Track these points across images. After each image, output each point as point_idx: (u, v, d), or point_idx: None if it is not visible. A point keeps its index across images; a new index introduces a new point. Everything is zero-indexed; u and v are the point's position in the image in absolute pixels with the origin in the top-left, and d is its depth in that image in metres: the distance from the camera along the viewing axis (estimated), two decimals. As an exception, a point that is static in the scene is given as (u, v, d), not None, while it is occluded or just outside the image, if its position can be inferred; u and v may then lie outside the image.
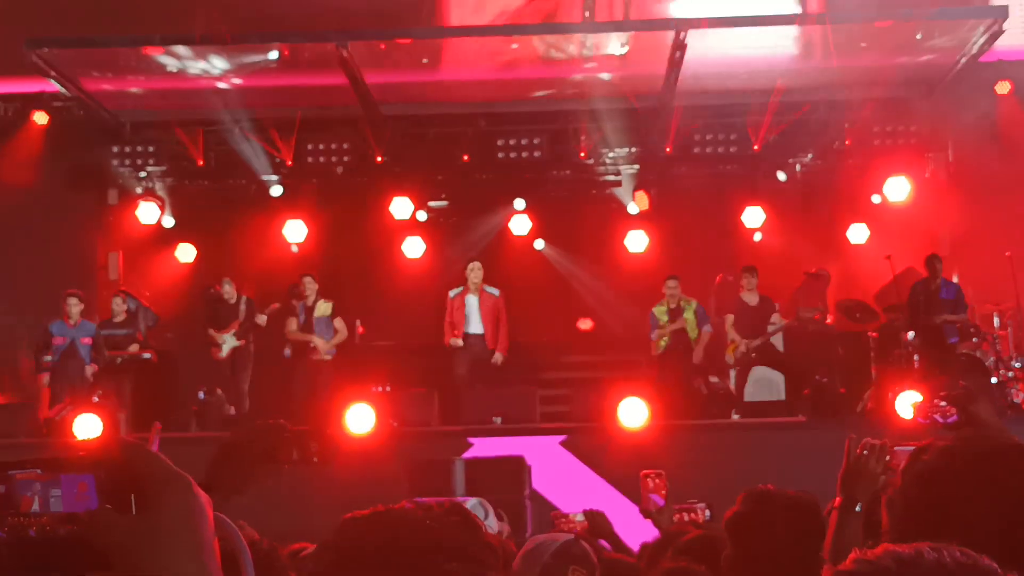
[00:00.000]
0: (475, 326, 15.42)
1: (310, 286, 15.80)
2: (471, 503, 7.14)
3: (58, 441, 12.19)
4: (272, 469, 4.58)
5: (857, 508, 4.31)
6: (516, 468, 11.30)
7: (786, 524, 3.78)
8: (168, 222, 17.97)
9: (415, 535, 1.98)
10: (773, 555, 3.71)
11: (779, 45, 16.22)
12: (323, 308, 15.73)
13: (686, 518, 7.39)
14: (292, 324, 15.93)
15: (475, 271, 15.63)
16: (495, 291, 15.58)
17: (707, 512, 7.69)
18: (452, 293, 15.75)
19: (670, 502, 7.01)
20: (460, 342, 15.40)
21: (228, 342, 16.03)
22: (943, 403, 5.24)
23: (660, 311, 15.42)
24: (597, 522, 6.86)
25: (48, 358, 14.85)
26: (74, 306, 14.88)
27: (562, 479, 12.13)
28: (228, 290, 16.25)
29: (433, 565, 1.96)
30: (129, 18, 15.91)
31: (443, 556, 1.96)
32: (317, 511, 6.48)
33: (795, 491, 4.33)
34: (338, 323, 15.79)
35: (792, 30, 16.08)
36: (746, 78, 16.73)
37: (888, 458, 4.65)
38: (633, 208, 17.80)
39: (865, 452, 4.53)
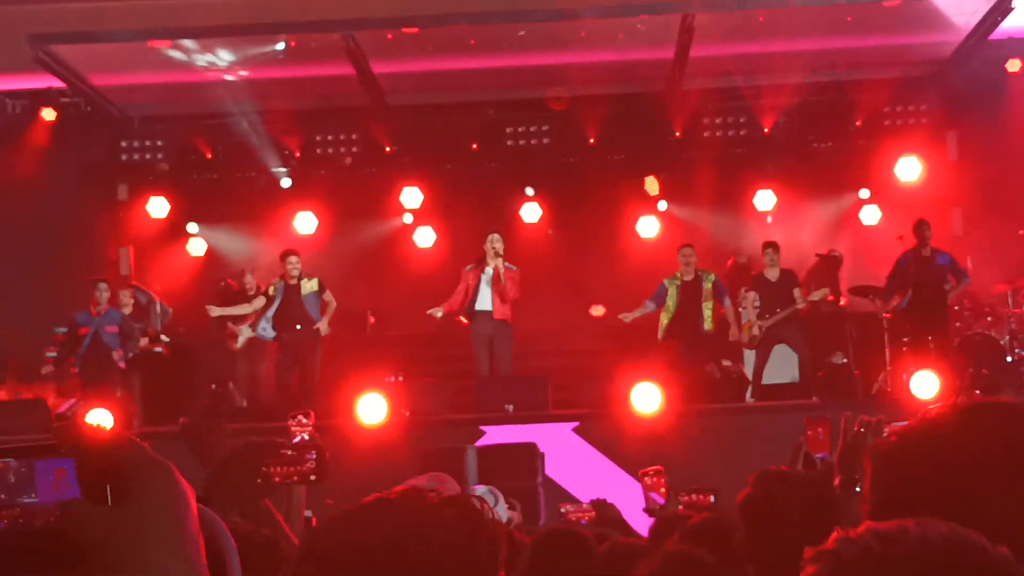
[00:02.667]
0: (484, 302, 14.94)
1: (294, 265, 14.98)
2: (481, 491, 7.10)
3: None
4: (266, 486, 4.57)
5: (857, 488, 4.26)
6: (529, 455, 11.27)
7: (801, 505, 3.72)
8: (192, 228, 17.96)
9: (404, 534, 1.79)
10: (788, 536, 3.66)
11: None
12: (309, 286, 15.09)
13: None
14: (214, 311, 15.56)
15: (493, 244, 14.84)
16: (513, 267, 14.99)
17: (711, 499, 7.62)
18: (467, 268, 15.17)
19: (673, 496, 6.96)
20: (439, 313, 14.94)
21: (244, 333, 16.00)
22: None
23: (670, 283, 14.96)
24: (605, 511, 6.82)
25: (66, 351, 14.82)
26: (103, 291, 14.78)
27: (575, 466, 12.10)
28: (249, 281, 16.18)
29: (424, 570, 1.80)
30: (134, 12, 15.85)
31: (436, 557, 1.81)
32: (330, 498, 6.45)
33: (808, 471, 4.28)
34: (327, 296, 15.08)
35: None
36: (756, 59, 16.65)
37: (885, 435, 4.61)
38: (652, 189, 17.69)
39: (862, 430, 4.48)
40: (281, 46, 16.69)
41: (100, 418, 12.14)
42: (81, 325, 14.68)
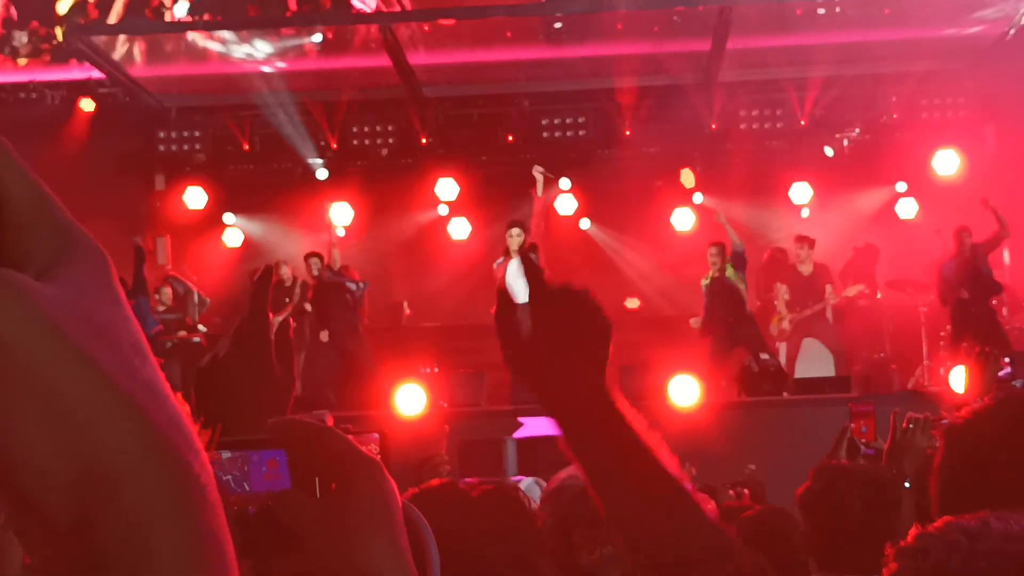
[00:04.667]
0: (520, 295, 14.60)
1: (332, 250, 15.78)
2: (526, 483, 7.11)
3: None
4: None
5: (906, 484, 4.27)
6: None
7: (861, 499, 3.73)
8: (229, 218, 18.08)
9: (445, 527, 1.78)
10: (849, 530, 3.67)
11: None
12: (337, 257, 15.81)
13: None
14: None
15: (513, 237, 14.72)
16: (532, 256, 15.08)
17: (745, 492, 7.57)
18: (496, 263, 15.20)
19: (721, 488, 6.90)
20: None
21: (278, 323, 16.08)
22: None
23: (704, 284, 15.10)
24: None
25: None
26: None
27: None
28: (285, 272, 16.28)
29: (468, 561, 1.80)
30: None
31: (478, 548, 1.82)
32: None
33: (867, 464, 4.29)
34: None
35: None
36: (792, 52, 16.62)
37: (933, 431, 4.60)
38: (688, 181, 17.68)
39: (910, 426, 4.48)
40: (318, 38, 16.76)
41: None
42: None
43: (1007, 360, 5.45)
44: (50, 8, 17.80)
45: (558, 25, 16.71)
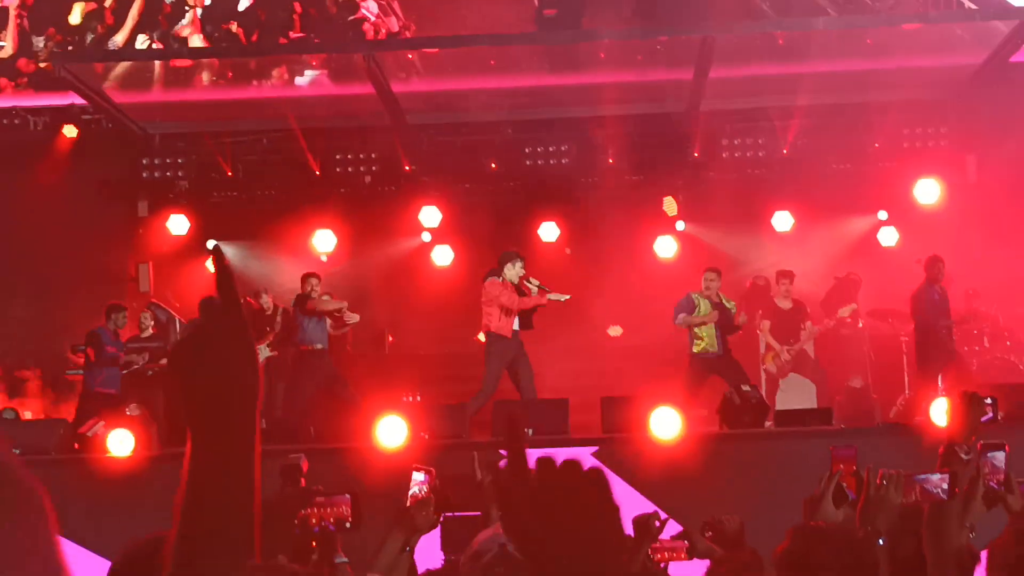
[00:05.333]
0: (516, 320, 14.38)
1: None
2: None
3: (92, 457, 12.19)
4: (306, 532, 4.62)
5: (880, 541, 4.26)
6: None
7: (840, 564, 3.73)
8: (212, 245, 18.03)
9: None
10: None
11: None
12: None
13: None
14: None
15: (515, 269, 14.45)
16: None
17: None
18: (489, 278, 14.79)
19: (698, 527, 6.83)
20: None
21: (262, 352, 16.05)
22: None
23: (699, 298, 14.73)
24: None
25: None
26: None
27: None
28: (265, 301, 16.25)
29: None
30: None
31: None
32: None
33: (845, 524, 4.29)
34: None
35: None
36: (775, 81, 16.70)
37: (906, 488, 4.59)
38: (671, 209, 17.73)
39: (884, 482, 4.47)
40: (311, 73, 16.79)
41: (123, 439, 12.16)
42: (107, 344, 14.82)
43: (989, 403, 5.47)
44: (63, 17, 17.81)
45: (542, 54, 16.76)
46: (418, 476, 5.22)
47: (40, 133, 17.60)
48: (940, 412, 12.21)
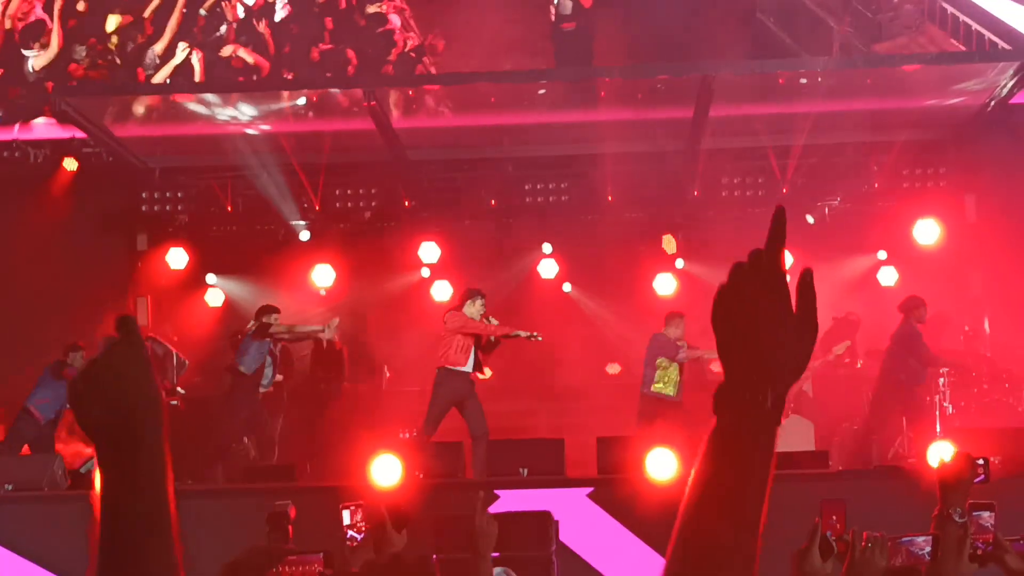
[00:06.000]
0: (472, 361, 14.40)
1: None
2: (497, 572, 7.07)
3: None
4: None
5: None
6: (542, 524, 11.21)
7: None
8: (211, 279, 18.04)
9: None
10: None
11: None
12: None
13: None
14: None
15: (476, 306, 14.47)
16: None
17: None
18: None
19: None
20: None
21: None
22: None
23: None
24: None
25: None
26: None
27: (590, 533, 12.02)
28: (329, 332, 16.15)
29: None
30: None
31: None
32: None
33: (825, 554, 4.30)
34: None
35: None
36: (774, 120, 16.73)
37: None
38: (670, 247, 17.75)
39: (869, 545, 4.47)
40: (303, 101, 16.83)
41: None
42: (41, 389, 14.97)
43: (981, 464, 5.49)
44: (100, 27, 17.85)
45: (542, 92, 16.79)
46: (346, 516, 5.08)
47: (40, 166, 17.60)
48: (935, 455, 12.17)
